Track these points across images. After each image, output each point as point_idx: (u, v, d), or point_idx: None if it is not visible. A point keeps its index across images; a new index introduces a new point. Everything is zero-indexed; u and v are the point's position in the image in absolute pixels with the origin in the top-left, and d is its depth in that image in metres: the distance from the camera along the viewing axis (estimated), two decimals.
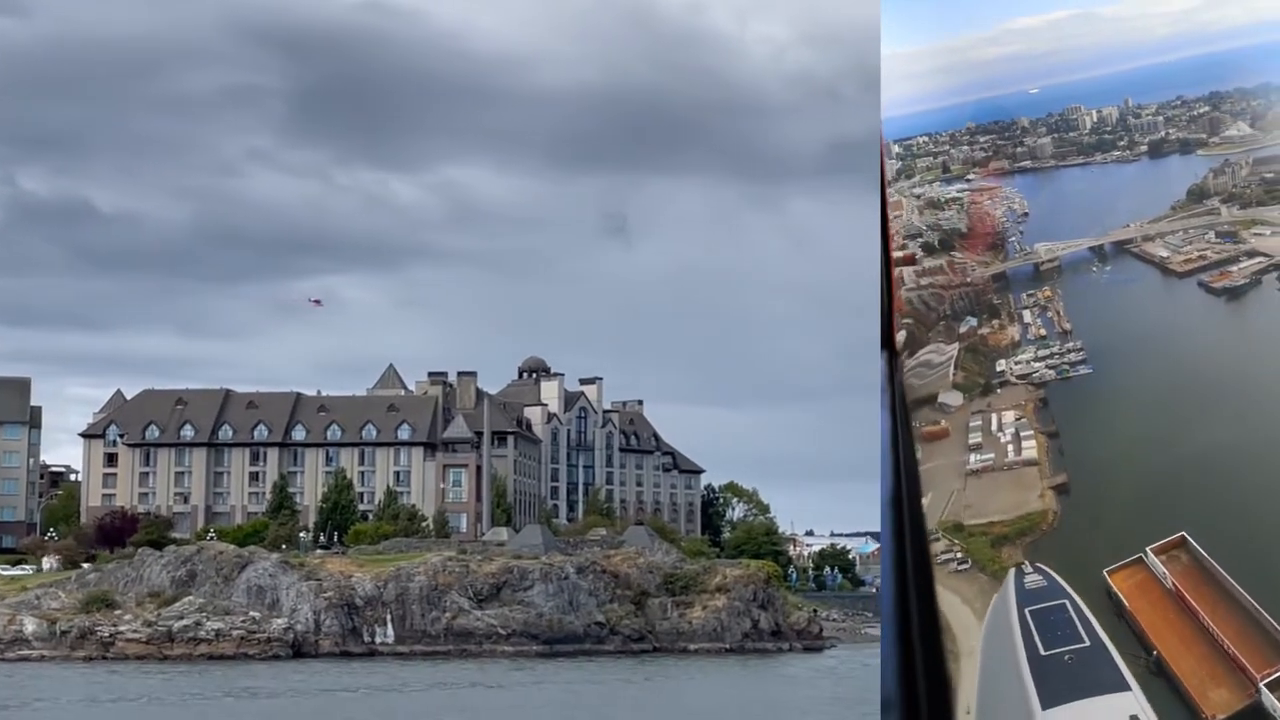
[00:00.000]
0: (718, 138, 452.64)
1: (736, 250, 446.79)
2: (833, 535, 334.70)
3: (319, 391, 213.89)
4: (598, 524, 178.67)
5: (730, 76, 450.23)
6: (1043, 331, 70.49)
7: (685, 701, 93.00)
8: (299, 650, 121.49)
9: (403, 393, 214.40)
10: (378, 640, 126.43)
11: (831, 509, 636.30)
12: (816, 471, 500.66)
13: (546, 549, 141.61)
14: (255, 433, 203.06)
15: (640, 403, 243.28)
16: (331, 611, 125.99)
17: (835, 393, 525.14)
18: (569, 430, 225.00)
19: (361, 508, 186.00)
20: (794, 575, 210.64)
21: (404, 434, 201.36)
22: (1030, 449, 30.21)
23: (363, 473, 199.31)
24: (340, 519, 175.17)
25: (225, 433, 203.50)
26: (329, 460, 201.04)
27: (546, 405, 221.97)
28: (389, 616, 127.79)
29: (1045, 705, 21.03)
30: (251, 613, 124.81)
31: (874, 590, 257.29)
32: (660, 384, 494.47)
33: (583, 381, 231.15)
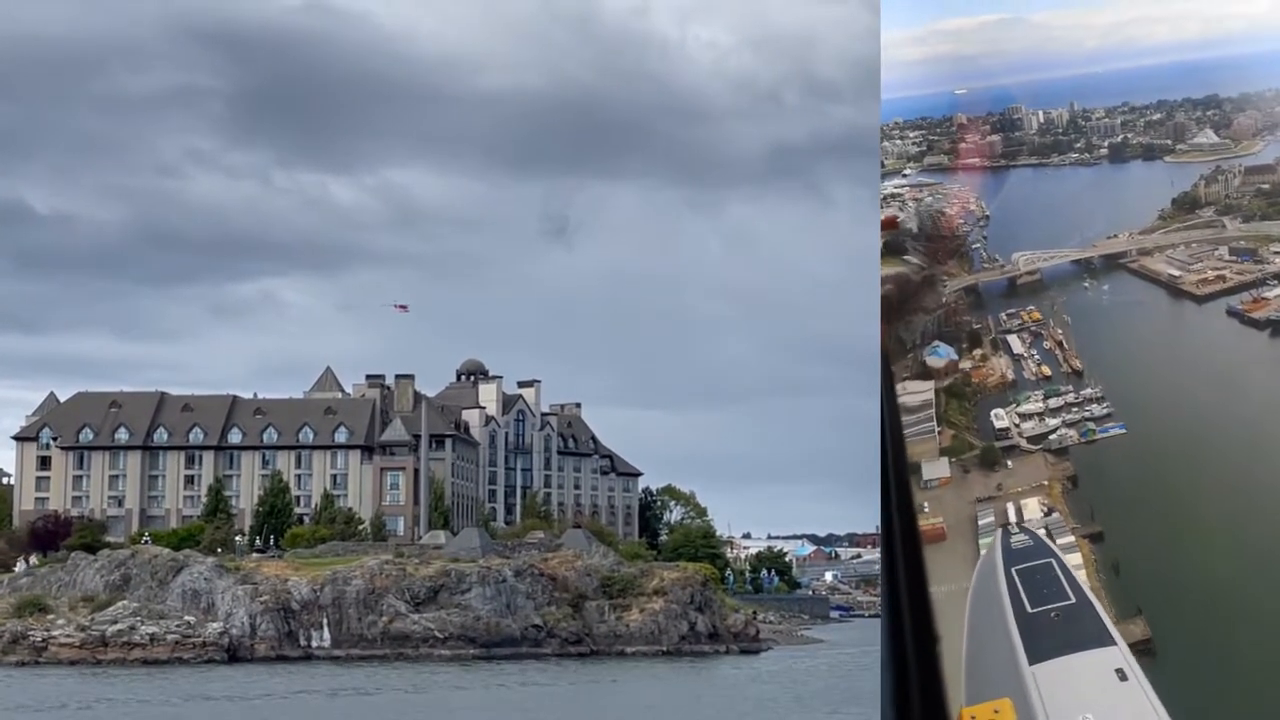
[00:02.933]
0: (659, 142, 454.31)
1: (675, 253, 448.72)
2: (770, 538, 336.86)
3: (255, 394, 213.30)
4: (536, 527, 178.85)
5: (672, 81, 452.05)
6: (1045, 369, 64.68)
7: (621, 704, 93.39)
8: (234, 655, 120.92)
9: (340, 395, 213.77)
10: (314, 644, 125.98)
11: (769, 511, 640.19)
12: (754, 474, 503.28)
13: (484, 552, 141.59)
14: (190, 436, 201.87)
15: (578, 405, 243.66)
16: (267, 615, 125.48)
17: (773, 395, 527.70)
18: (507, 433, 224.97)
19: (298, 511, 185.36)
20: (731, 578, 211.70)
21: (341, 437, 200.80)
22: (1077, 568, 28.67)
23: (299, 476, 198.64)
24: (276, 522, 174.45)
25: (160, 435, 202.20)
26: (265, 463, 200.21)
27: (484, 408, 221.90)
28: (325, 620, 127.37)
29: (1032, 661, 21.56)
30: (186, 617, 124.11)
31: (810, 592, 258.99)
32: (599, 387, 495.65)
33: (521, 384, 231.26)
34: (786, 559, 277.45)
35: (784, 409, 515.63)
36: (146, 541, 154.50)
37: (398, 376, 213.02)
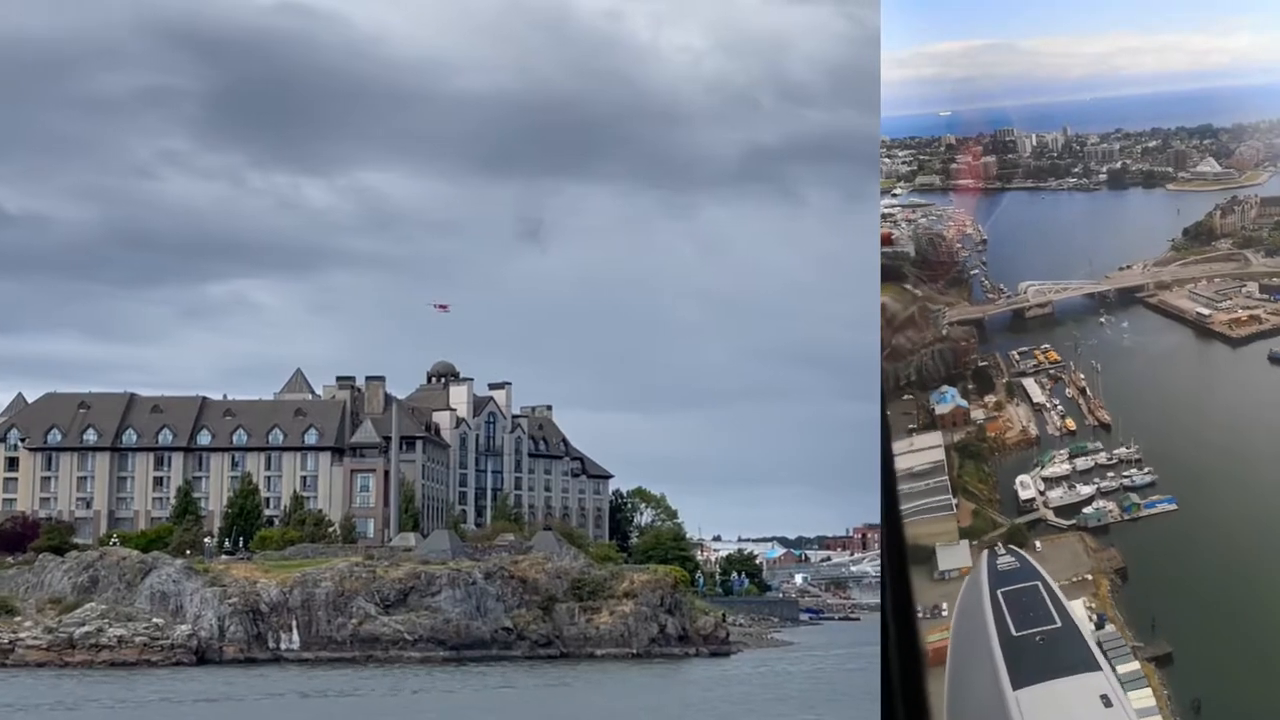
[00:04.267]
0: (632, 144, 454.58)
1: (648, 256, 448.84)
2: (740, 540, 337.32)
3: (225, 396, 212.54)
4: (506, 529, 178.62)
5: (646, 83, 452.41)
6: (1069, 422, 57.93)
7: (590, 707, 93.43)
8: (203, 657, 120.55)
9: (310, 397, 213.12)
10: (283, 647, 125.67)
11: (740, 514, 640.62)
12: (725, 477, 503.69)
13: (454, 554, 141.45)
14: (160, 437, 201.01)
15: (549, 408, 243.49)
16: (236, 618, 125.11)
17: (744, 398, 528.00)
18: (478, 435, 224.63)
19: (267, 513, 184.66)
20: (701, 580, 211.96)
21: (311, 439, 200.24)
22: (1149, 713, 26.85)
23: (269, 478, 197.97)
24: (246, 524, 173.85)
25: (129, 437, 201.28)
26: (235, 465, 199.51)
27: (455, 410, 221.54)
28: (294, 623, 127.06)
29: (1016, 685, 21.31)
30: (155, 619, 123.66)
31: (780, 595, 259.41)
32: (570, 389, 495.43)
33: (492, 386, 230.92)
34: (756, 562, 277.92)
35: (755, 412, 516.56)
36: (115, 543, 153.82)
37: (368, 378, 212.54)
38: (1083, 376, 59.92)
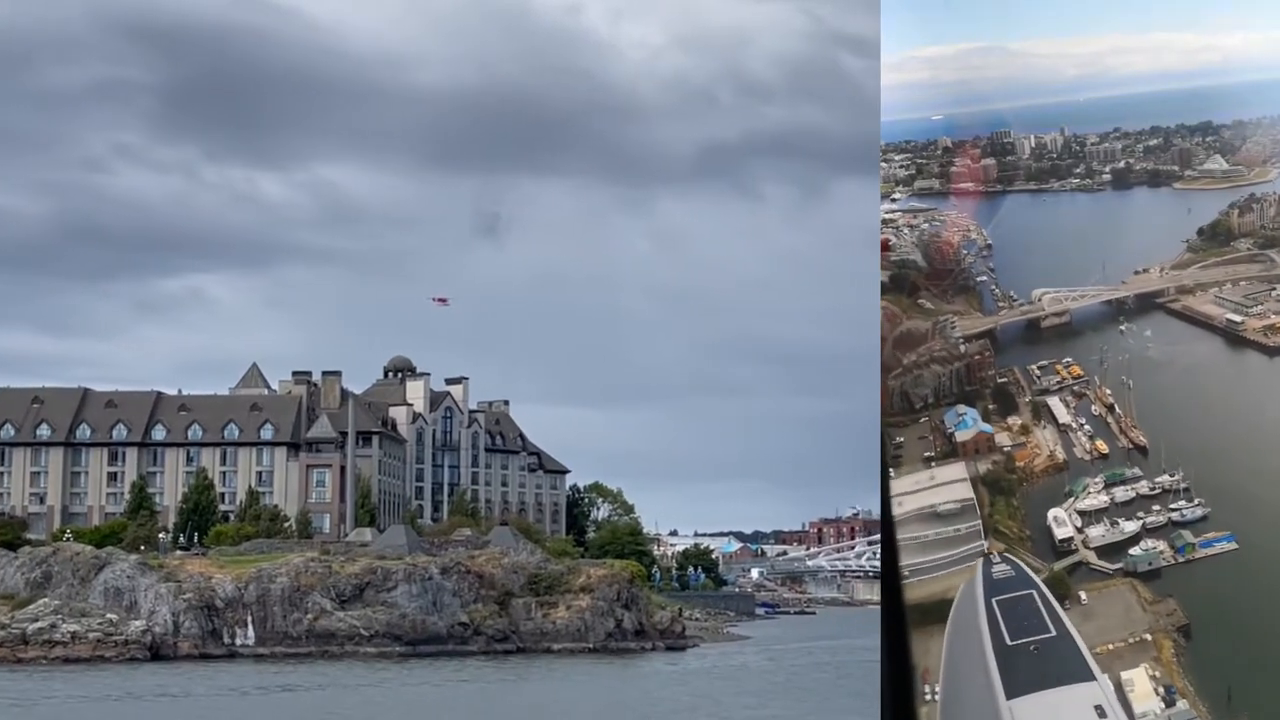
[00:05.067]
0: (590, 140, 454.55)
1: (605, 251, 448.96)
2: (696, 535, 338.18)
3: (180, 391, 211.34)
4: (463, 524, 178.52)
5: (604, 79, 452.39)
6: (1100, 445, 51.50)
7: (544, 701, 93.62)
8: (157, 653, 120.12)
9: (266, 392, 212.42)
10: (238, 642, 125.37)
11: (696, 509, 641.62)
12: (682, 472, 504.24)
13: (410, 549, 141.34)
14: (114, 432, 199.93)
15: (506, 403, 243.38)
16: (191, 613, 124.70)
17: (701, 394, 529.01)
18: (434, 430, 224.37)
19: (223, 508, 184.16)
20: (658, 575, 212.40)
21: (267, 434, 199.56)
22: None
23: (224, 473, 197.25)
24: (201, 520, 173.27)
25: (83, 432, 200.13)
26: (190, 460, 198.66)
27: (412, 405, 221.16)
28: (250, 618, 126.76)
29: (1010, 695, 21.28)
30: (109, 615, 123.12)
31: (736, 590, 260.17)
32: (527, 384, 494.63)
33: (449, 381, 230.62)
34: (713, 556, 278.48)
35: (712, 408, 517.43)
36: (68, 539, 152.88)
37: (325, 373, 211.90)
38: (1109, 392, 55.04)
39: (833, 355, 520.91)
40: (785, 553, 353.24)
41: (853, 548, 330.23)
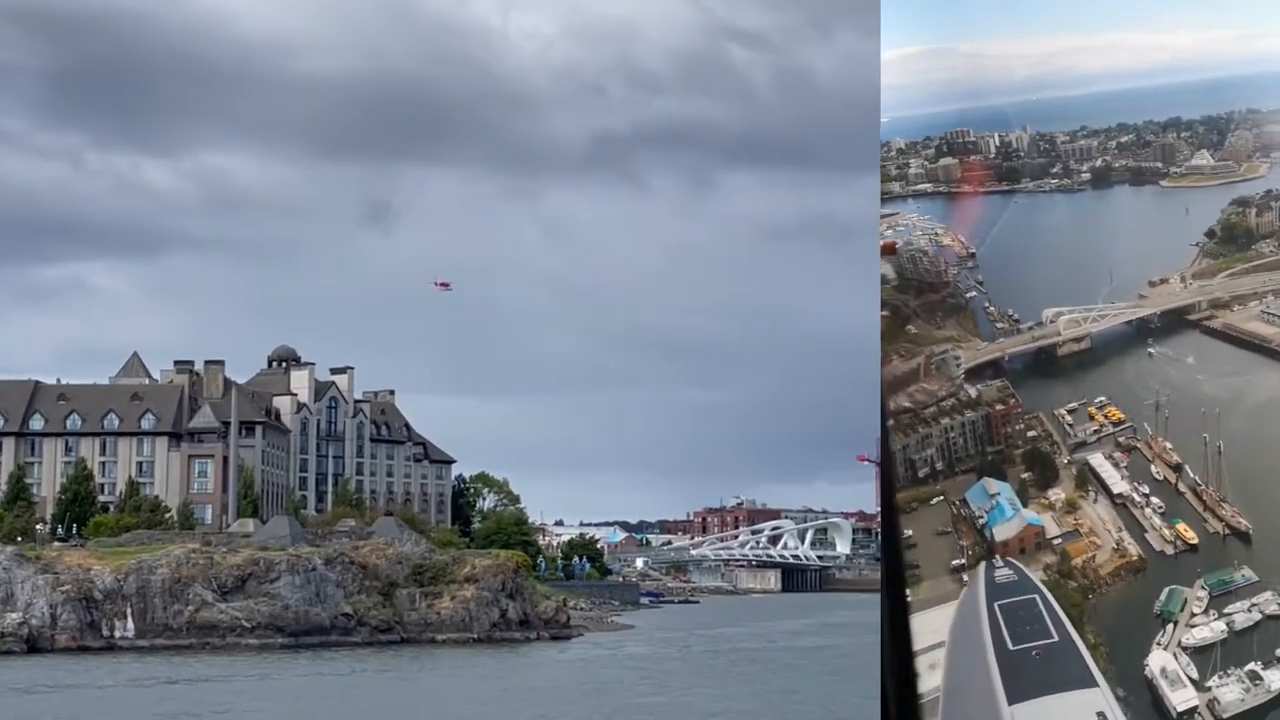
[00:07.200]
0: (479, 129, 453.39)
1: (494, 241, 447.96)
2: (582, 525, 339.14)
3: (59, 380, 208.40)
4: (347, 515, 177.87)
5: (495, 69, 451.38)
6: (1185, 531, 36.41)
7: (422, 691, 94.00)
8: (34, 645, 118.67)
9: (147, 382, 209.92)
10: (117, 635, 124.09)
11: (582, 499, 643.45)
12: (568, 462, 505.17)
13: (294, 540, 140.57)
14: None
15: (392, 392, 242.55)
16: (69, 605, 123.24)
17: (588, 384, 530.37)
18: (319, 420, 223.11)
19: (102, 499, 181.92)
20: (543, 565, 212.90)
21: (148, 424, 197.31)
22: None
23: (104, 463, 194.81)
24: (80, 511, 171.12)
25: None
26: (68, 450, 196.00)
27: (296, 395, 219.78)
28: (129, 610, 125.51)
29: (1012, 700, 21.49)
30: None
31: (621, 579, 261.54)
32: (413, 374, 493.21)
33: (334, 371, 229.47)
34: (598, 546, 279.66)
35: (599, 398, 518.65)
36: None
37: (207, 363, 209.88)
38: (1169, 446, 40.76)
39: (719, 346, 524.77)
40: (670, 542, 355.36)
41: (736, 536, 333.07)
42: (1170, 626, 31.63)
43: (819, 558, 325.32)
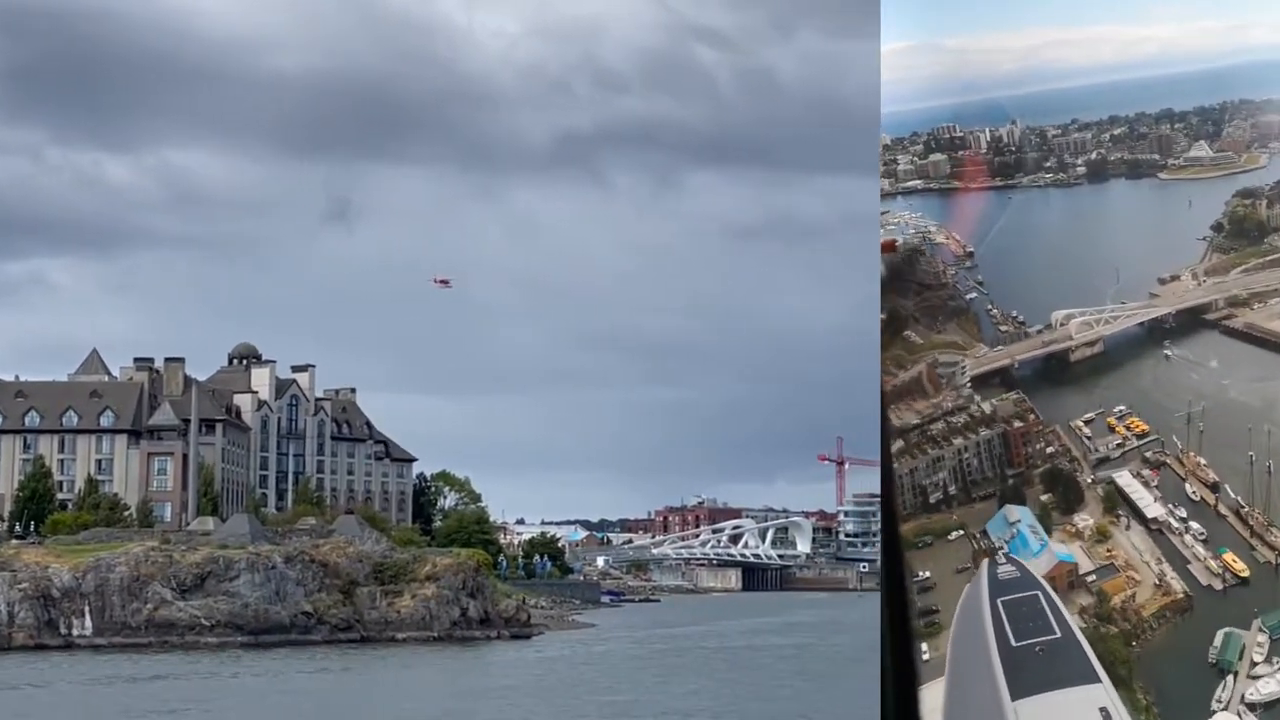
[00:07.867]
0: (444, 127, 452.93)
1: (457, 239, 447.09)
2: (543, 524, 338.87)
3: (17, 377, 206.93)
4: (307, 513, 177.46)
5: (460, 67, 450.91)
6: (1233, 561, 33.24)
7: (382, 689, 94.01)
8: None
9: (107, 379, 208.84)
10: (75, 633, 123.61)
11: (543, 498, 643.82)
12: (529, 461, 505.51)
13: (254, 539, 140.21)
14: None
15: (353, 390, 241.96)
16: (26, 603, 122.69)
17: (550, 383, 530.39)
18: (280, 418, 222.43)
19: (61, 497, 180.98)
20: (504, 564, 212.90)
21: (107, 421, 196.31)
22: None
23: (62, 460, 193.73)
24: (38, 508, 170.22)
25: None
26: (26, 447, 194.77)
27: (257, 393, 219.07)
28: (87, 608, 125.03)
29: (1015, 696, 21.61)
30: None
31: (582, 578, 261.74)
32: (374, 372, 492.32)
33: (295, 369, 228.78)
34: (559, 545, 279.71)
35: (561, 396, 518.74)
36: None
37: (167, 360, 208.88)
38: (1203, 462, 37.66)
39: (681, 345, 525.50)
40: (631, 541, 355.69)
41: (697, 535, 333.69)
42: (1230, 678, 27.55)
43: (779, 557, 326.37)
